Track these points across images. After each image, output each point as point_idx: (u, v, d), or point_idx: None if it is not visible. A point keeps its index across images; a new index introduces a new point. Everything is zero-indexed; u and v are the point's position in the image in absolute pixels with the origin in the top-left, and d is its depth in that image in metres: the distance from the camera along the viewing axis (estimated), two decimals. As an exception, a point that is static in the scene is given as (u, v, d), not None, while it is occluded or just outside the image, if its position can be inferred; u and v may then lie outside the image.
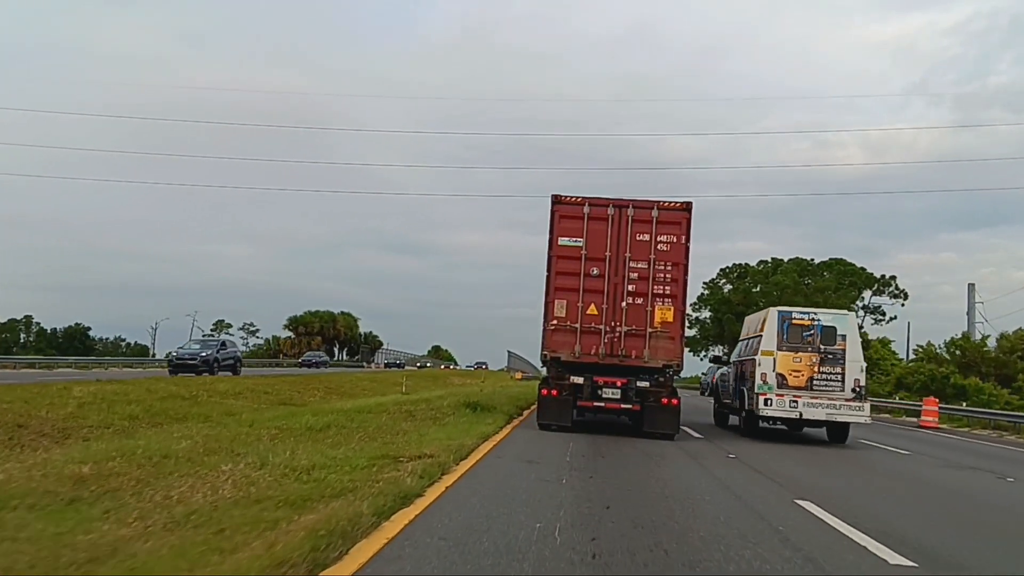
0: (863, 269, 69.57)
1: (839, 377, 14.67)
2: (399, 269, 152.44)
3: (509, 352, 53.65)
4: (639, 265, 13.69)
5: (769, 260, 74.45)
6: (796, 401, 14.53)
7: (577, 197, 13.91)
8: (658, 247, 13.69)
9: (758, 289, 71.65)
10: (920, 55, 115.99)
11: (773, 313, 15.38)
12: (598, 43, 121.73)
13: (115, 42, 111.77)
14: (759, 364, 14.97)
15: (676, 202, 13.87)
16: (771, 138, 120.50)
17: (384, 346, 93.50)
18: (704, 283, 77.56)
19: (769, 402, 14.67)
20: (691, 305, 73.72)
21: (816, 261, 71.38)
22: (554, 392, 13.75)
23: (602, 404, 13.72)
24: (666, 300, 13.66)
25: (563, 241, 13.81)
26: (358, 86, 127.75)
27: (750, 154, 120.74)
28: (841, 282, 68.17)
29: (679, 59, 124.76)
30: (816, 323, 14.99)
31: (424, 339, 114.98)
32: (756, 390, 14.88)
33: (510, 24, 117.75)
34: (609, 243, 13.72)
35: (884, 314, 70.92)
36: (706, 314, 79.76)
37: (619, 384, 13.58)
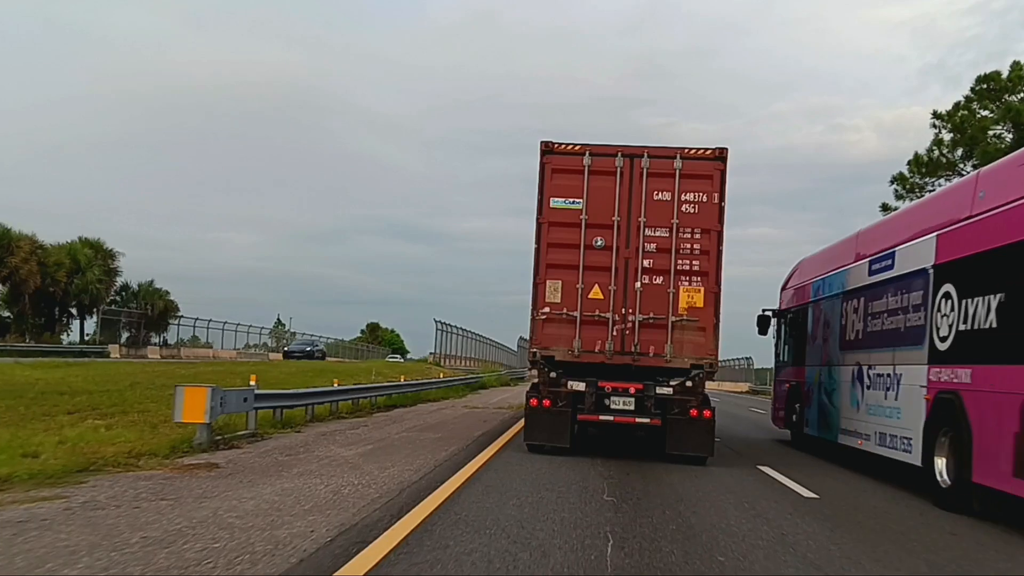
0: None
1: None
2: (399, 253, 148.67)
3: (437, 321, 41.49)
4: (658, 233, 10.40)
5: None
6: None
7: (575, 145, 10.61)
8: (683, 208, 10.38)
9: None
10: (938, 35, 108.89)
11: None
12: (609, 22, 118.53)
13: (116, 25, 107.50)
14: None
15: (706, 149, 10.49)
16: (785, 122, 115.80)
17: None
18: (934, 116, 33.91)
19: None
20: (907, 167, 35.02)
21: None
22: (546, 402, 10.45)
23: (610, 418, 10.40)
24: (694, 279, 10.34)
25: (556, 202, 10.54)
26: (363, 69, 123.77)
27: (763, 139, 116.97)
28: None
29: (691, 39, 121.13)
30: None
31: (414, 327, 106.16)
32: None
33: (518, 2, 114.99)
34: (618, 204, 10.44)
35: None
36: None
37: (632, 391, 10.29)
